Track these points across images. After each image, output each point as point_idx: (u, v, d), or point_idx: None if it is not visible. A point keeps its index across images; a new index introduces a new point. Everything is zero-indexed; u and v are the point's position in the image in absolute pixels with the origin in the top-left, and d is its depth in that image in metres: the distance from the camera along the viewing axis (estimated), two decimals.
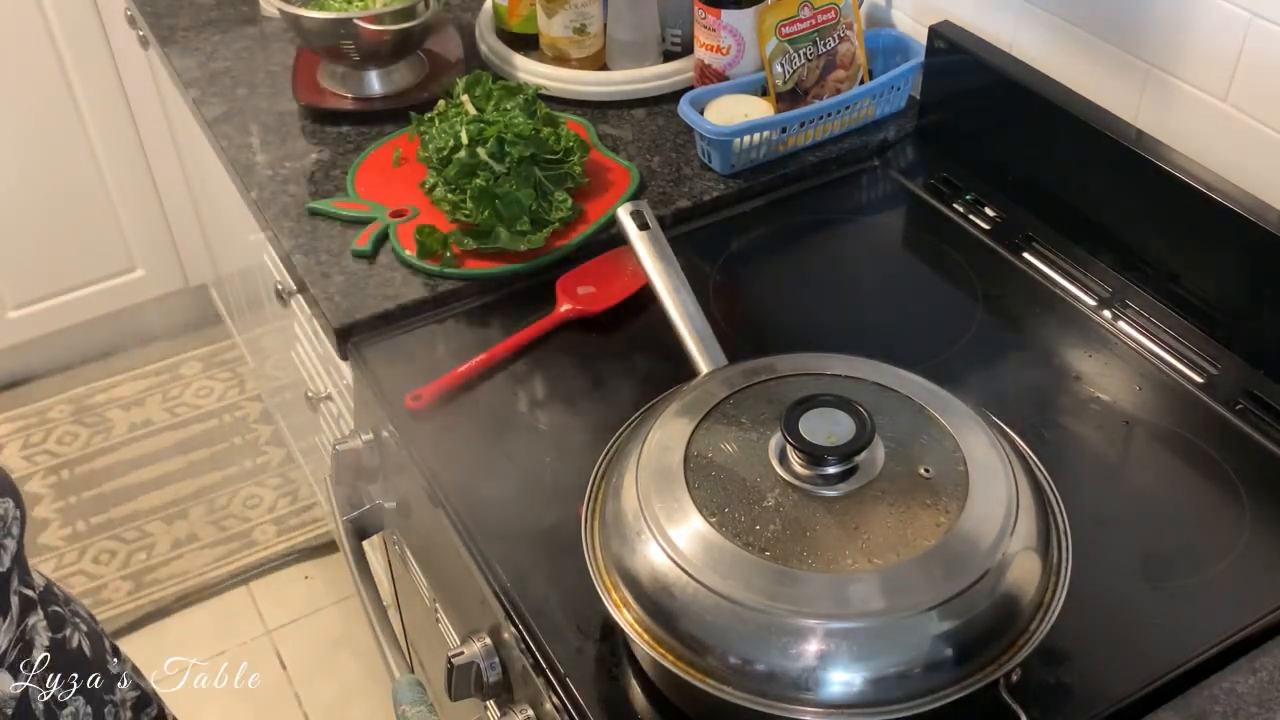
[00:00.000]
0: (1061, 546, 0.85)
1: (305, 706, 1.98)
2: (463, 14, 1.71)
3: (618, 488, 0.87)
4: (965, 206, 1.35)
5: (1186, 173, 1.14)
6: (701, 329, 1.06)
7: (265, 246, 1.52)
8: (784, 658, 0.77)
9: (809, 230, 1.35)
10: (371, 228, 1.30)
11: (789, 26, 1.38)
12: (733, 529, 0.81)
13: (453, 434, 1.10)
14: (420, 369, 1.16)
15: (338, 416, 1.52)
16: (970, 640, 0.78)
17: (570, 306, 1.21)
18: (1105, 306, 1.21)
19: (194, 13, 1.75)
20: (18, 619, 0.82)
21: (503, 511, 1.02)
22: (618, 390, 1.13)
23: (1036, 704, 0.85)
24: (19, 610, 0.82)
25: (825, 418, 0.84)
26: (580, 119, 1.47)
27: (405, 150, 1.42)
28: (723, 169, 1.38)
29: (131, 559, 2.18)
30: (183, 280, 2.55)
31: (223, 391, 2.46)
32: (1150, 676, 0.88)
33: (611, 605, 0.83)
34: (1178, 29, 1.16)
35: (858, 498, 0.83)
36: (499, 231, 1.24)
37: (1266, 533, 0.98)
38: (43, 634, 0.86)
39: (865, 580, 0.78)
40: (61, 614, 0.90)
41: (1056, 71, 1.29)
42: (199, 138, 1.62)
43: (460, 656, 0.99)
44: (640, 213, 1.17)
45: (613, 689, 0.89)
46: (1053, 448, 1.03)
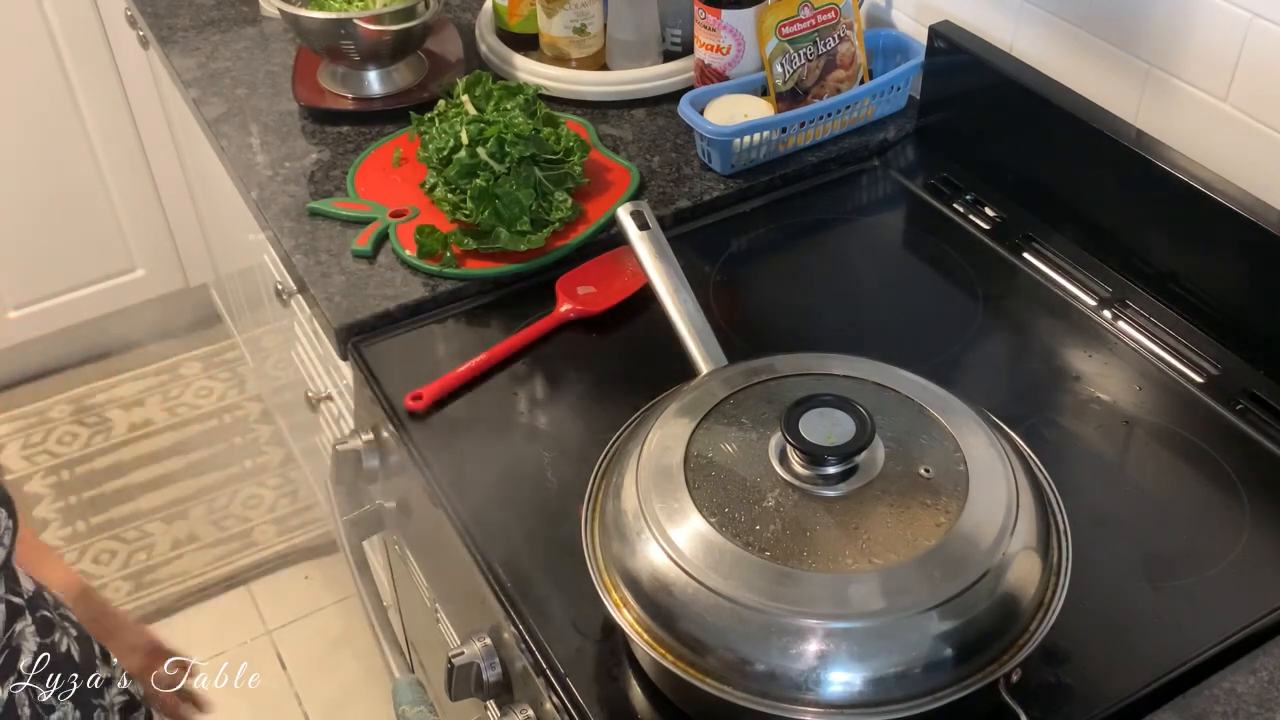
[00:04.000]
0: (1061, 546, 0.85)
1: (305, 706, 1.98)
2: (463, 14, 1.71)
3: (618, 488, 0.87)
4: (965, 206, 1.35)
5: (1186, 173, 1.14)
6: (701, 329, 1.06)
7: (265, 246, 1.52)
8: (784, 658, 0.77)
9: (809, 230, 1.35)
10: (371, 228, 1.30)
11: (789, 26, 1.38)
12: (733, 529, 0.81)
13: (453, 434, 1.10)
14: (420, 369, 1.16)
15: (338, 416, 1.52)
16: (970, 640, 0.78)
17: (570, 306, 1.21)
18: (1105, 306, 1.21)
19: (194, 13, 1.75)
20: (4, 626, 0.82)
21: (503, 511, 1.02)
22: (618, 390, 1.13)
23: (1036, 704, 0.85)
24: (5, 617, 0.82)
25: (825, 418, 0.84)
26: (580, 119, 1.47)
27: (405, 150, 1.42)
28: (723, 169, 1.38)
29: (132, 559, 2.18)
30: (183, 280, 2.55)
31: (223, 391, 2.46)
32: (1150, 676, 0.88)
33: (611, 605, 0.83)
34: (1178, 29, 1.16)
35: (858, 498, 0.83)
36: (499, 231, 1.24)
37: (1266, 533, 0.98)
38: (31, 639, 0.86)
39: (865, 580, 0.78)
40: (50, 619, 0.90)
41: (1056, 71, 1.29)
42: (199, 138, 1.62)
43: (460, 656, 0.99)
44: (640, 213, 1.17)
45: (613, 689, 0.89)
46: (1053, 448, 1.04)
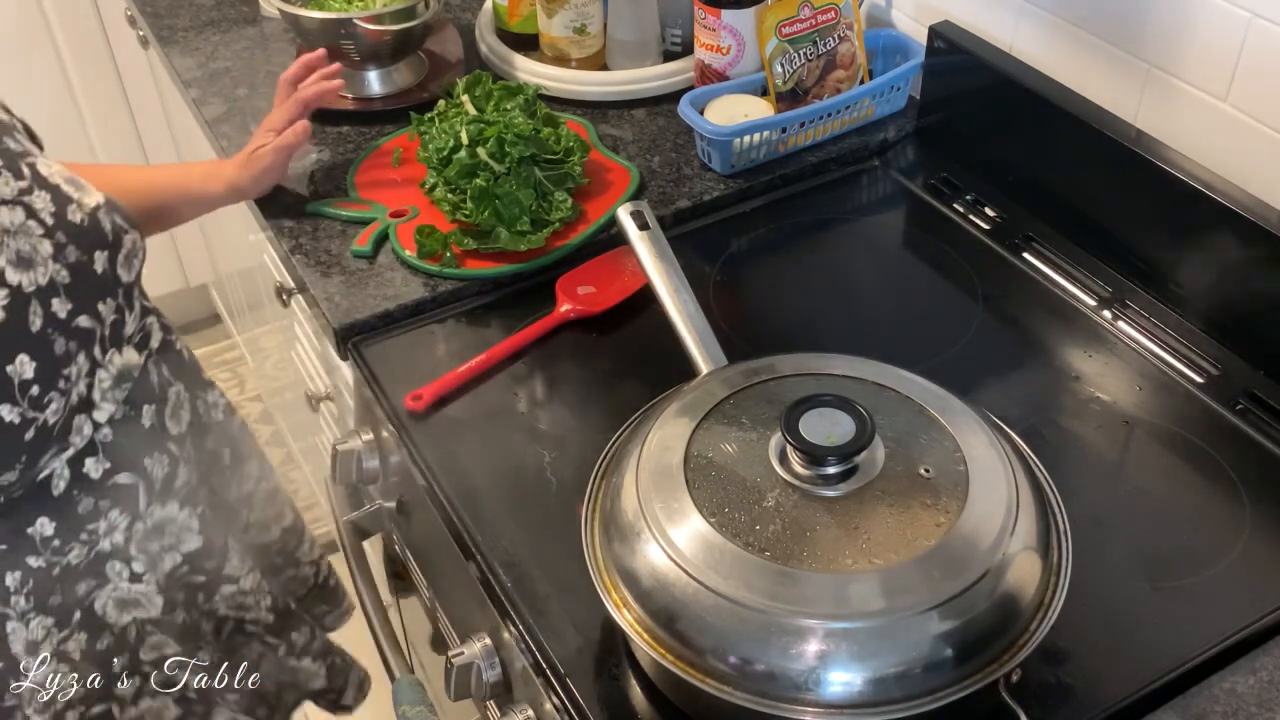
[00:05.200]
0: (1061, 546, 0.85)
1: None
2: (463, 14, 1.71)
3: (618, 488, 0.87)
4: (965, 206, 1.35)
5: (1186, 173, 1.14)
6: (701, 329, 1.06)
7: (265, 246, 1.52)
8: (784, 658, 0.77)
9: (809, 230, 1.35)
10: (371, 228, 1.30)
11: (789, 26, 1.38)
12: (733, 529, 0.81)
13: (453, 434, 1.10)
14: (420, 369, 1.16)
15: (338, 416, 1.52)
16: (970, 640, 0.78)
17: (570, 306, 1.21)
18: (1105, 306, 1.21)
19: (194, 13, 1.75)
20: (140, 316, 1.08)
21: (502, 511, 1.02)
22: (617, 390, 1.13)
23: (1036, 704, 0.85)
24: (140, 311, 1.08)
25: (825, 418, 0.84)
26: (580, 119, 1.47)
27: (405, 150, 1.42)
28: (723, 169, 1.38)
29: None
30: (183, 280, 2.55)
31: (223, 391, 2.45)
32: (1150, 676, 0.88)
33: (611, 605, 0.83)
34: (1178, 29, 1.16)
35: (858, 498, 0.83)
36: (499, 232, 1.24)
37: (1266, 533, 0.98)
38: (157, 333, 1.11)
39: (865, 580, 0.78)
40: (168, 325, 1.15)
41: (1056, 71, 1.29)
42: (199, 138, 1.62)
43: (460, 656, 0.99)
44: (640, 213, 1.17)
45: (613, 689, 0.89)
46: (1053, 448, 1.04)
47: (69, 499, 1.03)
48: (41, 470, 1.00)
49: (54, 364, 0.97)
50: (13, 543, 1.02)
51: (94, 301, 1.01)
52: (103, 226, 1.02)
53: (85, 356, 1.00)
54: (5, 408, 0.94)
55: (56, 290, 0.97)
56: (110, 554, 1.08)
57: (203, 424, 1.20)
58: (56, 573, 1.05)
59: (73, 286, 0.98)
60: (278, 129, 1.30)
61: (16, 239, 0.95)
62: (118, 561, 1.09)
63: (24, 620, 1.05)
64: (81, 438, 1.02)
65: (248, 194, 1.32)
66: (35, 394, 0.95)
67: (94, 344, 1.01)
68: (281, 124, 1.30)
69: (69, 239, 0.99)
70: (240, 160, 1.30)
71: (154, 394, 1.11)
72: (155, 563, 1.13)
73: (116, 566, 1.10)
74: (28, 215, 0.96)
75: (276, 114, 1.32)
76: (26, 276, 0.95)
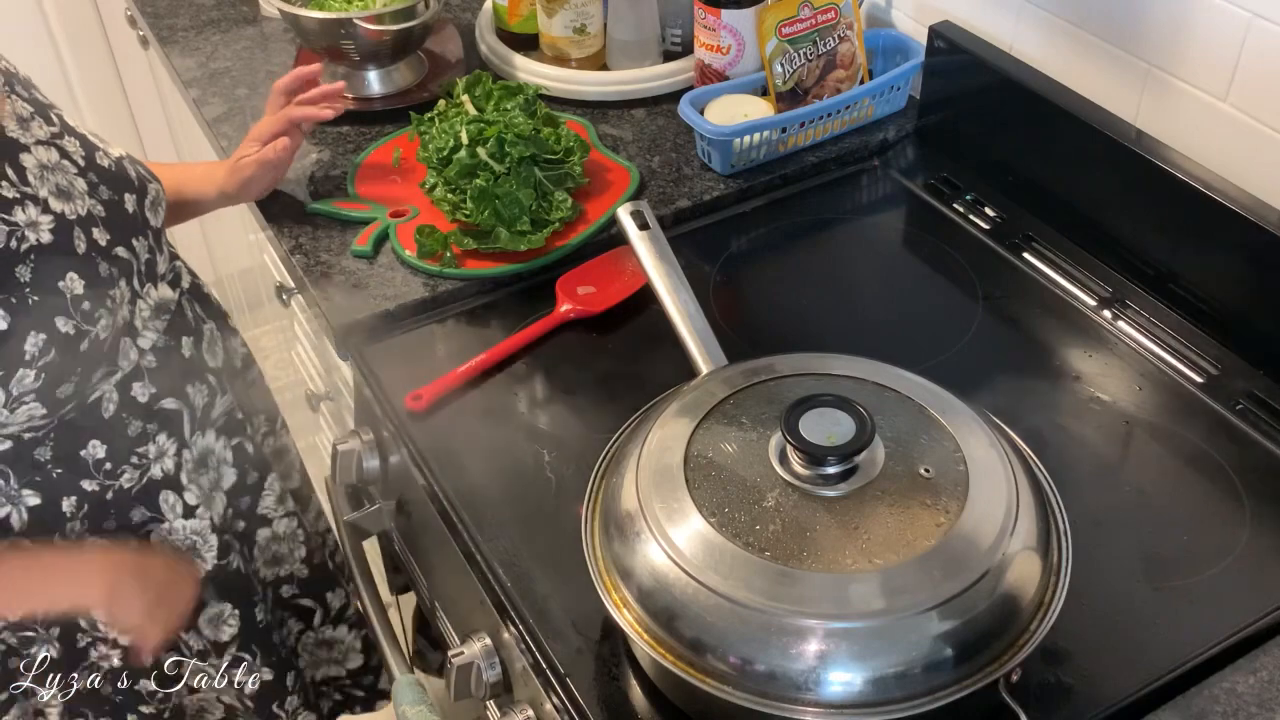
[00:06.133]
0: (1061, 546, 0.85)
1: None
2: (463, 14, 1.72)
3: (618, 488, 0.87)
4: (965, 206, 1.35)
5: (1186, 173, 1.14)
6: (701, 329, 1.06)
7: (265, 246, 1.52)
8: (784, 658, 0.77)
9: (809, 230, 1.35)
10: (371, 228, 1.30)
11: (789, 26, 1.38)
12: (733, 529, 0.81)
13: (453, 434, 1.10)
14: (420, 369, 1.16)
15: (338, 416, 1.52)
16: (970, 640, 0.78)
17: (570, 306, 1.21)
18: (1105, 306, 1.21)
19: (194, 13, 1.75)
20: (170, 260, 1.15)
21: (502, 512, 1.02)
22: (618, 390, 1.13)
23: (1036, 704, 0.85)
24: (170, 255, 1.15)
25: (825, 418, 0.84)
26: (580, 119, 1.47)
27: (405, 150, 1.42)
28: (723, 169, 1.38)
29: None
30: None
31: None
32: (1150, 676, 0.88)
33: (611, 605, 0.83)
34: (1178, 29, 1.16)
35: (858, 498, 0.83)
36: (499, 231, 1.24)
37: (1266, 533, 0.98)
38: (186, 275, 1.19)
39: (865, 580, 0.78)
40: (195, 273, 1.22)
41: (1056, 71, 1.29)
42: (199, 138, 1.62)
43: (460, 656, 0.99)
44: (640, 213, 1.17)
45: (613, 689, 0.89)
46: (1053, 448, 1.03)
47: (119, 421, 1.08)
48: (93, 391, 1.05)
49: (100, 284, 1.02)
50: (67, 466, 1.06)
51: (129, 236, 1.07)
52: (128, 173, 1.10)
53: (126, 284, 1.06)
54: (61, 320, 0.99)
55: (95, 221, 1.04)
56: (161, 482, 1.12)
57: (233, 365, 1.26)
58: (110, 496, 1.09)
59: (109, 220, 1.05)
60: (263, 139, 1.30)
61: (54, 174, 1.02)
62: (170, 493, 1.13)
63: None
64: (129, 362, 1.07)
65: (237, 200, 1.33)
66: (86, 308, 1.01)
67: (132, 275, 1.07)
68: (268, 135, 1.30)
69: (100, 179, 1.06)
70: (229, 167, 1.31)
71: (190, 328, 1.17)
72: (209, 500, 1.17)
73: (170, 499, 1.13)
74: (62, 156, 1.04)
75: (265, 123, 1.32)
76: (68, 206, 1.02)
